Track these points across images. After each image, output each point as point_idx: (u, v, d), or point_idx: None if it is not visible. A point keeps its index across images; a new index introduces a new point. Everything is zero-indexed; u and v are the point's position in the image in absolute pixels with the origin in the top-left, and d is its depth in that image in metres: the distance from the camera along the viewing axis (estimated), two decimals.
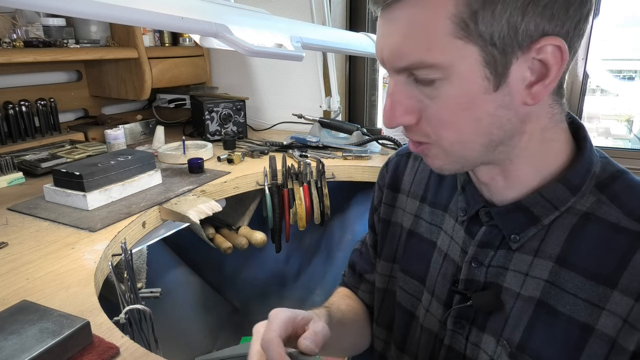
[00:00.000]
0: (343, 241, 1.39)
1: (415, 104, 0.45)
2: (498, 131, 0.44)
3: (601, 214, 0.46)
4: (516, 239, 0.50)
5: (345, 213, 1.40)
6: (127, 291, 0.74)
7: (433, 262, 0.60)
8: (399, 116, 0.46)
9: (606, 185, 0.47)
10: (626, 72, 1.59)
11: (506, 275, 0.51)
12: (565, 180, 0.47)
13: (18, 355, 0.47)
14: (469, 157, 0.47)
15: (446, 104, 0.43)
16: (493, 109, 0.43)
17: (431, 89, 0.43)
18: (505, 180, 0.50)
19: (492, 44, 0.40)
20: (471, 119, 0.43)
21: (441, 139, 0.46)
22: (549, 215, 0.48)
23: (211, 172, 1.18)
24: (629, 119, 1.66)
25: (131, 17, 0.58)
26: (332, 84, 1.57)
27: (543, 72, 0.42)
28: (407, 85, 0.45)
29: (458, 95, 0.42)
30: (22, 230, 0.84)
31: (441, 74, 0.42)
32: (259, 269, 1.45)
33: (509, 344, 0.49)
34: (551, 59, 0.41)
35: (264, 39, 0.78)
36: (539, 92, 0.42)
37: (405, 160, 0.69)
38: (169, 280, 1.26)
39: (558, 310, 0.46)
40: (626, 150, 1.40)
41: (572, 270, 0.46)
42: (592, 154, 0.48)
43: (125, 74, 1.49)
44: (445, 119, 0.44)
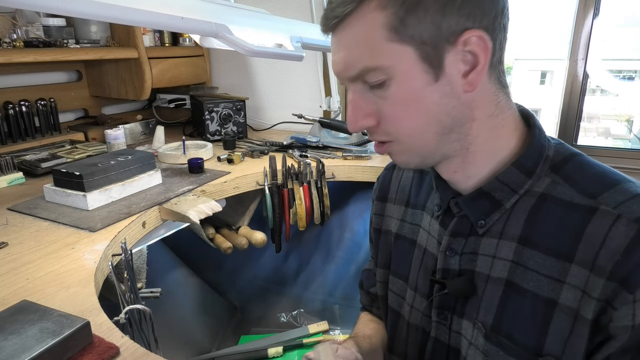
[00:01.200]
0: (343, 241, 1.39)
1: (373, 107, 0.50)
2: (447, 117, 0.49)
3: (556, 194, 0.49)
4: (482, 224, 0.53)
5: (345, 213, 1.40)
6: (127, 291, 0.74)
7: (414, 259, 0.64)
8: (360, 120, 0.51)
9: (560, 167, 0.51)
10: (626, 72, 1.59)
11: (477, 260, 0.54)
12: (518, 164, 0.51)
13: (18, 355, 0.47)
14: (427, 147, 0.51)
15: (397, 101, 0.49)
16: (438, 98, 0.48)
17: (382, 91, 0.49)
18: (465, 171, 0.53)
19: (423, 42, 0.45)
20: (421, 110, 0.48)
21: (399, 134, 0.51)
22: (510, 199, 0.51)
23: (211, 172, 1.18)
24: (629, 119, 1.67)
25: (131, 17, 0.58)
26: (332, 84, 1.57)
27: (474, 61, 0.47)
28: (363, 92, 0.50)
29: (405, 90, 0.48)
30: (22, 230, 0.84)
31: (386, 75, 0.47)
32: (258, 269, 1.45)
33: (484, 326, 0.52)
34: (477, 48, 0.46)
35: (264, 39, 0.78)
36: (474, 79, 0.47)
37: (391, 172, 0.74)
38: (169, 280, 1.26)
39: (523, 288, 0.49)
40: (626, 150, 1.40)
41: (533, 248, 0.49)
42: (543, 139, 0.52)
43: (125, 74, 1.49)
44: (399, 114, 0.49)
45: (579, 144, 1.43)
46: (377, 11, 0.46)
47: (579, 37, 1.38)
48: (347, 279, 1.36)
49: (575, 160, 0.51)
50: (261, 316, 1.42)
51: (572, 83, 1.42)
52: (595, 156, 0.53)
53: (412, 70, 0.47)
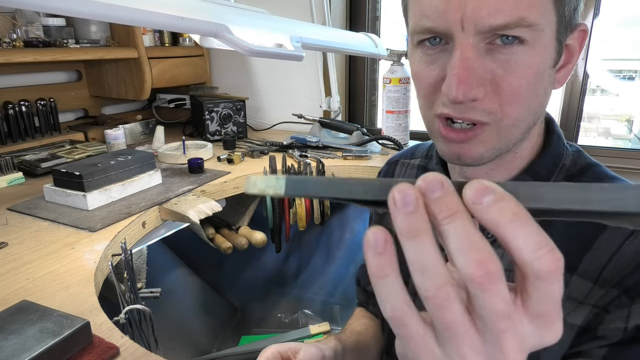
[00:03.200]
0: (343, 241, 1.39)
1: (487, 75, 0.40)
2: (542, 111, 0.43)
3: None
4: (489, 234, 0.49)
5: (345, 213, 1.40)
6: (127, 291, 0.74)
7: None
8: (475, 87, 0.39)
9: (575, 177, 0.47)
10: (626, 72, 1.59)
11: None
12: (531, 171, 0.47)
13: (18, 355, 0.47)
14: (513, 141, 0.44)
15: (525, 74, 0.39)
16: (548, 85, 0.42)
17: (509, 56, 0.39)
18: (497, 174, 0.49)
19: (564, 17, 0.39)
20: (535, 94, 0.41)
21: (506, 116, 0.41)
22: None
23: (211, 172, 1.18)
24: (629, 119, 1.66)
25: (131, 17, 0.58)
26: (332, 84, 1.57)
27: (568, 58, 0.43)
28: (480, 52, 0.40)
29: (537, 64, 0.39)
30: (22, 230, 0.84)
31: (531, 37, 0.38)
32: (258, 269, 1.45)
33: None
34: (577, 44, 0.42)
35: (264, 39, 0.78)
36: (564, 77, 0.43)
37: (393, 167, 0.69)
38: (169, 280, 1.26)
39: None
40: (626, 150, 1.40)
41: None
42: (561, 147, 0.49)
43: (125, 74, 1.49)
44: (522, 91, 0.40)
45: (579, 144, 1.43)
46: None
47: None
48: (347, 279, 1.36)
49: (593, 171, 0.48)
50: (262, 316, 1.42)
51: (572, 83, 1.42)
52: (595, 156, 0.52)
53: (551, 42, 0.40)
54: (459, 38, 0.39)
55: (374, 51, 1.09)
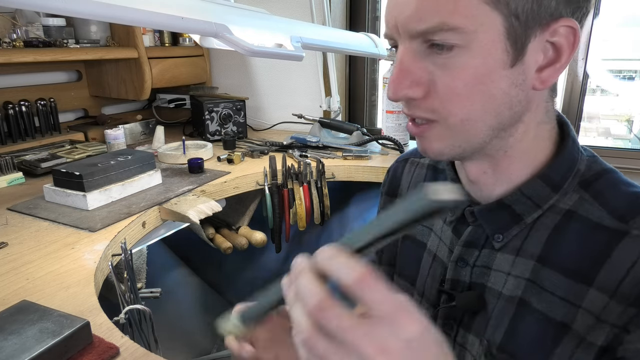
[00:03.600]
0: None
1: (425, 76, 0.42)
2: (508, 112, 0.43)
3: (583, 212, 0.45)
4: (499, 238, 0.49)
5: (345, 213, 1.40)
6: (127, 291, 0.74)
7: (423, 263, 0.60)
8: (407, 87, 0.42)
9: (590, 184, 0.46)
10: (626, 72, 1.59)
11: (490, 275, 0.50)
12: (544, 177, 0.46)
13: (18, 355, 0.47)
14: (474, 139, 0.44)
15: (461, 75, 0.41)
16: (507, 86, 0.41)
17: (446, 58, 0.40)
18: (495, 174, 0.49)
19: (516, 15, 0.39)
20: (485, 95, 0.41)
21: (450, 115, 0.43)
22: (532, 214, 0.47)
23: (211, 172, 1.18)
24: (629, 119, 1.66)
25: (131, 17, 0.58)
26: (332, 84, 1.57)
27: (554, 56, 0.41)
28: (418, 55, 0.42)
29: (476, 66, 0.40)
30: (22, 230, 0.84)
31: (462, 40, 0.39)
32: (258, 269, 1.45)
33: (490, 344, 0.49)
34: (564, 42, 0.40)
35: (264, 39, 0.78)
36: (549, 77, 0.42)
37: (402, 165, 0.69)
38: (169, 280, 1.26)
39: (536, 309, 0.46)
40: (626, 150, 1.40)
41: (552, 268, 0.45)
42: (575, 151, 0.47)
43: (125, 74, 1.49)
44: (459, 91, 0.41)
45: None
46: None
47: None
48: None
49: (608, 177, 0.46)
50: None
51: (572, 83, 1.42)
52: None
53: (493, 44, 0.39)
54: (399, 43, 0.43)
55: (374, 51, 1.09)
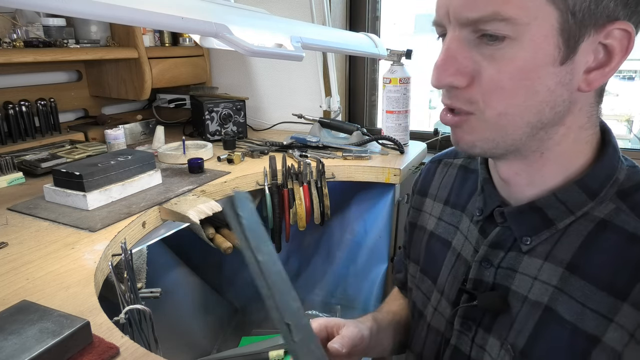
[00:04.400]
0: (343, 241, 1.39)
1: (470, 65, 0.42)
2: (550, 112, 0.42)
3: (619, 222, 0.44)
4: (527, 241, 0.48)
5: (345, 213, 1.40)
6: (127, 291, 0.74)
7: (446, 261, 0.60)
8: (451, 74, 0.42)
9: (629, 194, 0.45)
10: (626, 72, 1.59)
11: (515, 278, 0.49)
12: (582, 183, 0.45)
13: (18, 355, 0.47)
14: (510, 136, 0.43)
15: (508, 68, 0.40)
16: (553, 84, 0.41)
17: (494, 49, 0.40)
18: (529, 176, 0.48)
19: (572, 12, 0.38)
20: (529, 91, 0.41)
21: (489, 107, 0.42)
22: (564, 219, 0.46)
23: (211, 172, 1.18)
24: (629, 119, 1.66)
25: (131, 17, 0.58)
26: (332, 84, 1.57)
27: (604, 59, 0.41)
28: (467, 44, 0.42)
29: (525, 59, 0.39)
30: (22, 230, 0.84)
31: (514, 32, 0.39)
32: None
33: (513, 348, 0.48)
34: (617, 45, 0.40)
35: (264, 39, 0.78)
36: (596, 80, 0.41)
37: (435, 166, 0.69)
38: (169, 280, 1.26)
39: (564, 319, 0.45)
40: (626, 150, 1.40)
41: (582, 278, 0.44)
42: (615, 160, 0.47)
43: (125, 74, 1.49)
44: (503, 84, 0.41)
45: None
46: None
47: None
48: (347, 279, 1.36)
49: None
50: (262, 317, 1.42)
51: None
52: None
53: (545, 39, 0.39)
54: (448, 30, 0.43)
55: (374, 51, 1.09)
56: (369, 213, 1.32)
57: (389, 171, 1.21)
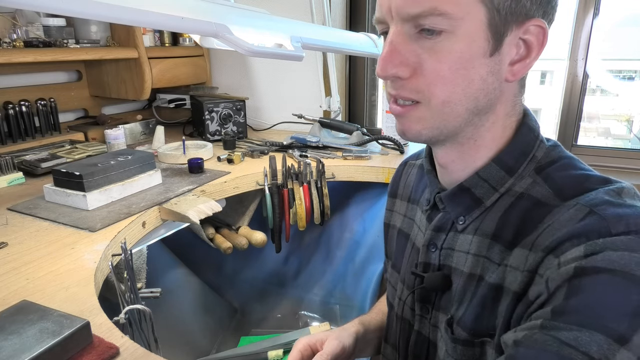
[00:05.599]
0: (343, 241, 1.39)
1: (413, 58, 0.46)
2: (484, 98, 0.47)
3: (533, 193, 0.48)
4: (462, 220, 0.53)
5: (345, 213, 1.40)
6: (127, 291, 0.74)
7: (406, 252, 0.65)
8: (396, 65, 0.46)
9: (543, 169, 0.49)
10: (626, 72, 1.59)
11: (453, 256, 0.54)
12: (498, 160, 0.50)
13: (18, 355, 0.47)
14: (452, 121, 0.48)
15: (447, 59, 0.44)
16: (485, 73, 0.45)
17: (433, 42, 0.44)
18: (463, 162, 0.52)
19: (497, 10, 0.43)
20: (466, 79, 0.45)
21: (433, 96, 0.46)
22: (490, 197, 0.50)
23: (211, 172, 1.18)
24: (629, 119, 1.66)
25: (131, 17, 0.58)
26: (332, 84, 1.57)
27: (524, 53, 0.46)
28: (408, 37, 0.46)
29: (460, 51, 0.44)
30: (22, 230, 0.84)
31: (449, 26, 0.43)
32: (258, 269, 1.45)
33: (454, 319, 0.52)
34: (534, 40, 0.45)
35: (264, 39, 0.78)
36: (519, 71, 0.46)
37: (402, 168, 0.74)
38: (169, 280, 1.26)
39: (491, 283, 0.48)
40: (626, 150, 1.40)
41: (499, 242, 0.49)
42: (531, 138, 0.50)
43: (125, 74, 1.49)
44: (443, 74, 0.45)
45: (579, 144, 1.42)
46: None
47: (579, 37, 1.38)
48: (347, 279, 1.36)
49: (562, 163, 0.49)
50: (261, 317, 1.42)
51: (572, 83, 1.42)
52: (595, 156, 0.52)
53: (477, 33, 0.44)
54: (391, 26, 0.47)
55: (374, 51, 1.09)
56: (368, 213, 1.33)
57: (389, 171, 1.21)
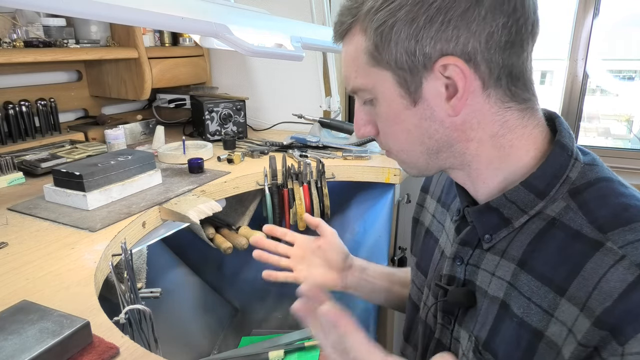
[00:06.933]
0: (343, 241, 1.39)
1: (371, 119, 0.53)
2: (429, 140, 0.49)
3: (566, 220, 0.45)
4: (489, 239, 0.52)
5: (345, 213, 1.40)
6: (127, 291, 0.74)
7: (434, 258, 0.64)
8: (362, 127, 0.54)
9: (579, 192, 0.46)
10: (626, 72, 1.59)
11: (478, 274, 0.53)
12: (527, 184, 0.48)
13: (18, 355, 0.47)
14: (417, 162, 0.53)
15: (382, 119, 0.51)
16: (417, 120, 0.48)
17: (373, 107, 0.51)
18: (473, 184, 0.53)
19: (400, 67, 0.46)
20: (403, 131, 0.50)
21: (390, 148, 0.54)
22: (519, 219, 0.49)
23: (211, 172, 1.18)
24: (629, 119, 1.66)
25: (131, 17, 0.58)
26: (332, 84, 1.57)
27: (453, 89, 0.46)
28: (364, 105, 0.53)
29: (386, 111, 0.50)
30: (22, 230, 0.84)
31: (371, 95, 0.50)
32: (259, 269, 1.45)
33: (477, 340, 0.51)
34: (455, 75, 0.45)
35: (264, 39, 0.78)
36: (456, 105, 0.46)
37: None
38: (169, 280, 1.26)
39: (515, 313, 0.47)
40: (626, 150, 1.40)
41: (530, 273, 0.47)
42: (564, 158, 0.48)
43: (125, 74, 1.49)
44: (386, 131, 0.52)
45: (579, 144, 1.42)
46: (361, 34, 0.47)
47: (579, 37, 1.38)
48: None
49: (599, 187, 0.46)
50: (262, 317, 1.42)
51: (572, 83, 1.42)
52: None
53: (391, 93, 0.48)
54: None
55: None
56: (368, 213, 1.33)
57: (389, 171, 1.21)
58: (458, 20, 0.43)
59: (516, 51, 0.45)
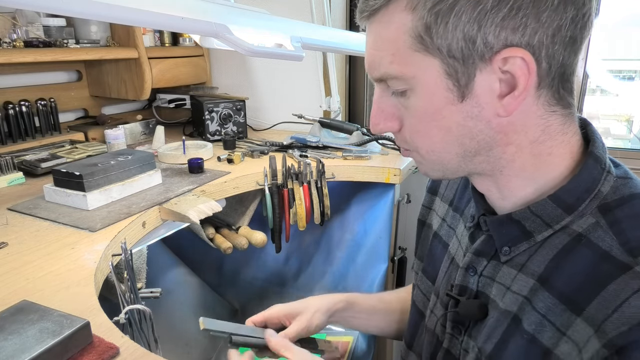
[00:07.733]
0: (343, 241, 1.39)
1: (396, 112, 0.47)
2: (470, 142, 0.44)
3: (594, 238, 0.42)
4: (507, 251, 0.49)
5: (345, 213, 1.40)
6: (127, 291, 0.74)
7: (443, 264, 0.61)
8: (382, 122, 0.48)
9: (609, 209, 0.43)
10: (626, 72, 1.59)
11: (493, 287, 0.50)
12: (555, 198, 0.45)
13: (18, 355, 0.47)
14: (447, 165, 0.47)
15: (416, 114, 0.45)
16: (461, 119, 0.43)
17: (404, 99, 0.45)
18: (499, 191, 0.49)
19: (452, 56, 0.40)
20: (441, 129, 0.44)
21: (417, 147, 0.48)
22: (542, 232, 0.46)
23: (211, 172, 1.18)
24: (629, 119, 1.66)
25: (131, 17, 0.58)
26: (332, 84, 1.57)
27: (512, 84, 0.41)
28: (387, 94, 0.47)
29: (424, 105, 0.44)
30: (22, 230, 0.84)
31: (407, 85, 0.43)
32: (258, 269, 1.45)
33: (480, 352, 0.50)
34: (517, 70, 0.40)
35: (264, 39, 0.78)
36: (510, 104, 0.41)
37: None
38: (169, 280, 1.26)
39: (525, 329, 0.45)
40: (626, 150, 1.40)
41: (548, 290, 0.44)
42: (598, 172, 0.44)
43: (125, 74, 1.49)
44: (417, 128, 0.46)
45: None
46: (406, 12, 0.40)
47: None
48: (348, 280, 1.36)
49: (633, 204, 0.43)
50: None
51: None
52: None
53: (435, 85, 0.42)
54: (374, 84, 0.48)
55: None
56: (369, 213, 1.33)
57: (389, 171, 1.21)
58: (529, 7, 0.37)
59: (575, 49, 0.41)
